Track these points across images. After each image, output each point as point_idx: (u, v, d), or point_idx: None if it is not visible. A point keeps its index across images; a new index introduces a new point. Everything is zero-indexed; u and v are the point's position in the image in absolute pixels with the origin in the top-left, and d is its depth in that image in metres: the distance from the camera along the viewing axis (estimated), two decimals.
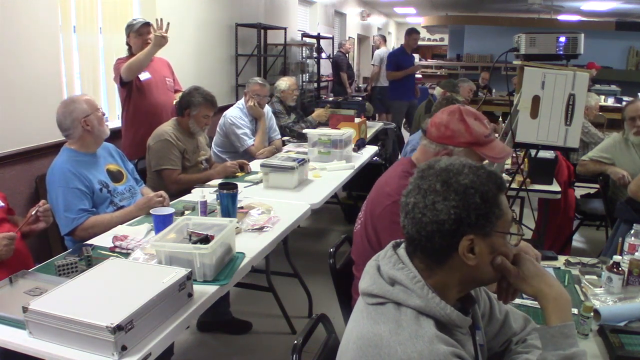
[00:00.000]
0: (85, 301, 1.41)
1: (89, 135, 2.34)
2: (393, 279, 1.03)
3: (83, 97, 2.38)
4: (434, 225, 0.98)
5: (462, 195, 0.98)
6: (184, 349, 2.71)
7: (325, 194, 2.91)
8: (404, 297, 1.00)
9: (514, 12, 11.47)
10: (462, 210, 0.97)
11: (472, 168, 1.02)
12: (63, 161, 2.29)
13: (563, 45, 2.92)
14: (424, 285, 1.00)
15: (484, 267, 1.02)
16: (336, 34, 10.44)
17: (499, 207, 1.00)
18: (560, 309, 1.03)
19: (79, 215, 2.21)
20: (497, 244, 1.02)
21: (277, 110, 4.53)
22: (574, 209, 3.76)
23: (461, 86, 5.13)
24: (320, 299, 3.10)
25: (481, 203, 0.98)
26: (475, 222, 0.98)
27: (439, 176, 1.01)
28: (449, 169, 1.01)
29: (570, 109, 2.64)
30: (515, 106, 2.80)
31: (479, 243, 0.99)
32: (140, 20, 3.47)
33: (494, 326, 1.23)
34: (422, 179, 1.02)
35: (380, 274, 1.05)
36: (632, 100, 3.73)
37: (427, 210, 0.99)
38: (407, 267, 1.03)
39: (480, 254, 1.00)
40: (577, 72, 2.62)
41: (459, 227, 0.98)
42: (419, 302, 0.99)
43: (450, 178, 1.00)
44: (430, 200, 0.99)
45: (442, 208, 0.98)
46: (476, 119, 1.65)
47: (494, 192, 1.00)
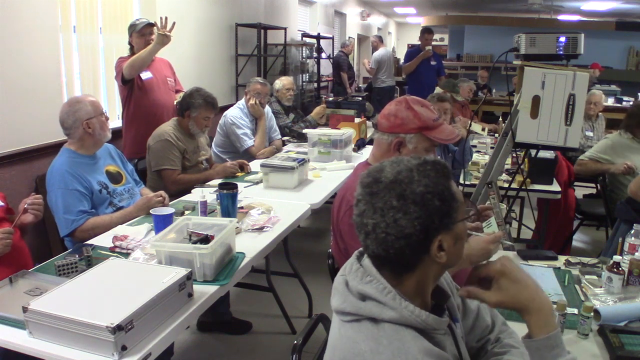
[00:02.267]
0: (85, 301, 1.41)
1: (90, 138, 2.34)
2: (363, 294, 0.99)
3: (88, 99, 2.37)
4: (402, 240, 0.95)
5: (422, 204, 0.95)
6: (184, 349, 2.71)
7: (325, 194, 2.91)
8: (378, 311, 0.96)
9: (514, 12, 11.47)
10: (426, 218, 0.95)
11: (420, 170, 0.98)
12: (62, 162, 2.28)
13: (563, 45, 2.92)
14: (395, 295, 0.97)
15: (452, 257, 1.00)
16: (336, 34, 10.44)
17: (454, 199, 0.99)
18: (543, 320, 1.00)
19: (79, 217, 2.21)
20: (460, 231, 1.01)
21: (275, 111, 4.52)
22: (574, 209, 3.76)
23: (461, 86, 5.14)
24: (320, 299, 3.10)
25: (441, 204, 0.96)
26: (440, 224, 0.96)
27: (391, 190, 0.96)
28: (399, 179, 0.97)
29: (570, 109, 2.64)
30: (515, 106, 2.80)
31: (445, 239, 0.98)
32: (143, 21, 3.47)
33: (469, 319, 1.22)
34: (374, 196, 0.97)
35: (349, 290, 1.02)
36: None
37: (390, 228, 0.95)
38: (375, 279, 1.00)
39: (448, 249, 0.98)
40: (577, 72, 2.62)
41: (426, 235, 0.96)
42: (393, 314, 0.96)
43: (405, 190, 0.95)
44: (391, 218, 0.95)
45: (405, 223, 0.94)
46: (422, 105, 1.70)
47: (447, 187, 0.98)
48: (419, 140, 1.66)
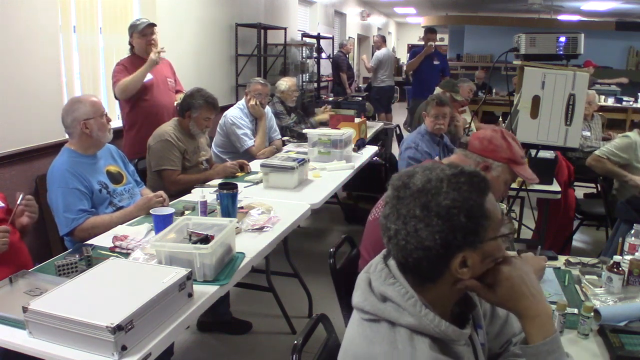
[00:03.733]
0: (85, 301, 1.40)
1: (88, 138, 2.33)
2: (384, 295, 0.98)
3: (90, 99, 2.36)
4: (420, 252, 0.93)
5: (446, 218, 0.91)
6: (184, 349, 2.71)
7: (325, 194, 2.91)
8: (396, 315, 0.95)
9: (514, 12, 11.47)
10: (448, 233, 0.91)
11: (452, 182, 0.93)
12: (63, 162, 2.28)
13: (563, 45, 2.92)
14: (416, 302, 0.95)
15: (477, 274, 0.98)
16: (336, 34, 10.44)
17: (486, 217, 0.93)
18: (540, 326, 0.99)
19: (79, 216, 2.21)
20: (490, 250, 0.96)
21: (278, 111, 4.53)
22: (574, 209, 3.76)
23: (461, 86, 5.12)
24: (320, 299, 3.10)
25: (467, 222, 0.91)
26: (463, 242, 0.92)
27: (417, 199, 0.93)
28: (427, 189, 0.93)
29: (570, 109, 2.64)
30: (515, 106, 2.80)
31: (470, 256, 0.94)
32: (144, 21, 3.47)
33: (496, 325, 1.21)
34: (399, 201, 0.95)
35: (371, 289, 1.01)
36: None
37: (410, 237, 0.93)
38: (398, 282, 0.98)
39: (474, 265, 0.95)
40: (577, 72, 2.62)
41: (447, 250, 0.92)
42: (411, 321, 0.94)
43: (430, 201, 0.92)
44: (412, 227, 0.92)
45: (425, 235, 0.91)
46: (514, 140, 1.81)
47: (479, 203, 0.93)
48: (504, 170, 1.77)
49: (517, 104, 2.81)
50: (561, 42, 2.92)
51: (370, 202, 4.40)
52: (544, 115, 2.66)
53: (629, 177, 3.33)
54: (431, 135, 3.51)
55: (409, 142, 3.46)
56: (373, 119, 6.73)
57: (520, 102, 2.72)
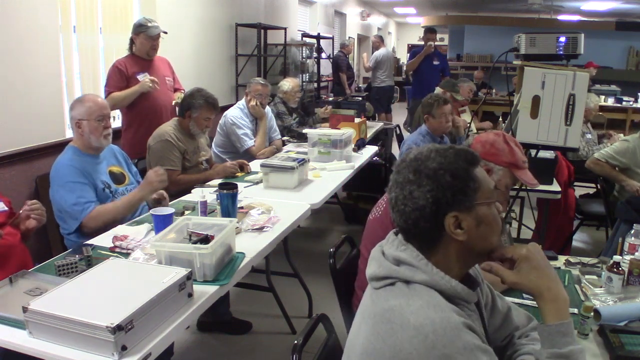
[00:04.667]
0: (85, 301, 1.41)
1: (82, 138, 2.33)
2: (398, 259, 1.07)
3: (90, 101, 2.34)
4: (416, 212, 1.04)
5: (434, 178, 1.03)
6: (184, 349, 2.71)
7: (325, 194, 2.91)
8: (410, 274, 1.04)
9: (514, 12, 11.47)
10: (437, 191, 1.02)
11: (439, 151, 1.07)
12: (67, 158, 2.29)
13: (563, 45, 2.92)
14: (427, 262, 1.04)
15: (476, 240, 1.05)
16: (336, 34, 10.44)
17: (473, 180, 1.04)
18: (557, 309, 1.05)
19: (86, 206, 2.21)
20: (483, 215, 1.05)
21: (280, 112, 4.53)
22: (574, 209, 3.76)
23: (461, 86, 5.13)
24: (320, 299, 3.10)
25: (453, 180, 1.03)
26: (452, 200, 1.03)
27: (410, 167, 1.07)
28: (418, 157, 1.07)
29: (570, 109, 2.64)
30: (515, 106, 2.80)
31: (464, 218, 1.04)
32: (155, 26, 3.45)
33: (497, 319, 1.25)
34: (398, 173, 1.08)
35: (385, 257, 1.10)
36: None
37: (407, 200, 1.05)
38: (409, 248, 1.08)
39: (469, 228, 1.04)
40: (577, 72, 2.62)
41: (438, 207, 1.03)
42: (424, 277, 1.03)
43: (420, 165, 1.05)
44: (408, 191, 1.05)
45: (418, 195, 1.03)
46: (516, 145, 1.83)
47: (464, 168, 1.05)
48: (505, 174, 1.79)
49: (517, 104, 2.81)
50: (561, 42, 2.92)
51: (370, 202, 4.40)
52: (544, 115, 2.66)
53: (626, 182, 3.33)
54: (432, 135, 3.51)
55: (410, 142, 3.46)
56: (373, 119, 6.73)
57: (520, 102, 2.72)
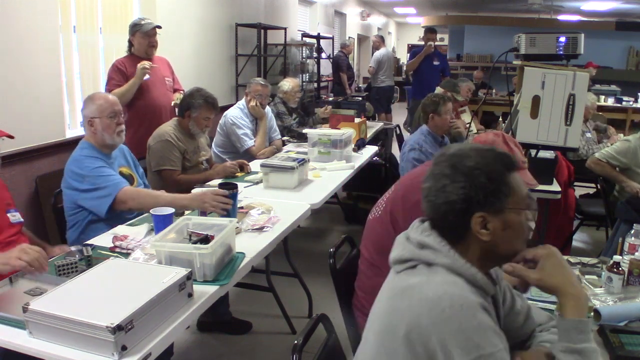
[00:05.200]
0: (85, 301, 1.40)
1: (95, 136, 2.34)
2: (422, 243, 1.10)
3: (101, 99, 2.35)
4: (446, 205, 1.07)
5: (469, 177, 1.06)
6: (184, 349, 2.71)
7: (325, 194, 2.90)
8: (433, 256, 1.07)
9: (514, 12, 11.47)
10: (470, 190, 1.05)
11: (480, 151, 1.09)
12: (87, 152, 2.30)
13: (563, 45, 2.92)
14: (450, 249, 1.08)
15: (500, 243, 1.08)
16: (336, 34, 10.44)
17: (507, 185, 1.07)
18: (577, 306, 1.06)
19: (119, 182, 2.24)
20: (511, 220, 1.08)
21: (280, 112, 4.53)
22: (574, 209, 3.76)
23: (460, 86, 5.13)
24: (320, 299, 3.10)
25: (487, 182, 1.05)
26: (484, 200, 1.05)
27: (448, 161, 1.09)
28: (457, 153, 1.10)
29: (570, 109, 2.64)
30: (515, 106, 2.81)
31: (491, 220, 1.06)
32: (149, 22, 3.46)
33: (518, 318, 1.26)
34: (435, 165, 1.12)
35: (409, 241, 1.13)
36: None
37: (439, 192, 1.08)
38: (434, 234, 1.11)
39: (494, 230, 1.07)
40: (577, 72, 2.62)
41: (468, 206, 1.06)
42: (446, 261, 1.06)
43: (457, 161, 1.08)
44: (441, 184, 1.08)
45: (451, 190, 1.06)
46: (515, 145, 1.85)
47: (500, 171, 1.07)
48: None
49: (517, 104, 2.81)
50: (561, 42, 2.92)
51: (370, 202, 4.40)
52: (544, 115, 2.66)
53: (626, 183, 3.33)
54: (434, 135, 3.51)
55: (412, 143, 3.46)
56: (373, 119, 6.73)
57: (520, 102, 2.72)
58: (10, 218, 2.03)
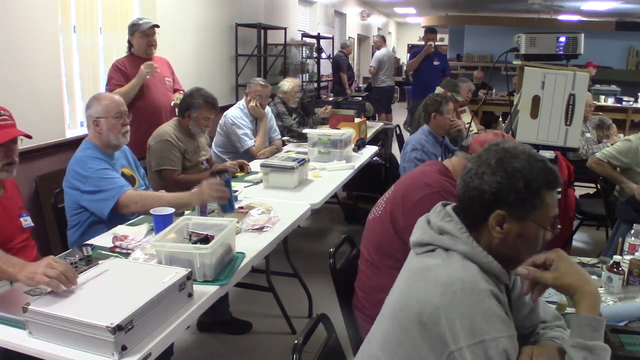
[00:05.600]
0: (85, 301, 1.41)
1: (100, 136, 2.34)
2: (442, 229, 1.14)
3: (107, 99, 2.35)
4: (476, 191, 1.11)
5: (509, 176, 1.08)
6: (184, 349, 2.71)
7: (325, 194, 2.90)
8: (452, 243, 1.11)
9: (514, 12, 11.47)
10: (504, 187, 1.08)
11: (531, 158, 1.10)
12: (91, 152, 2.30)
13: (563, 45, 2.92)
14: (469, 236, 1.12)
15: (509, 246, 1.11)
16: (336, 34, 10.44)
17: (539, 199, 1.09)
18: (594, 304, 1.07)
19: (122, 186, 2.23)
20: (528, 232, 1.10)
21: (280, 112, 4.53)
22: (574, 209, 3.75)
23: (460, 86, 5.13)
24: (320, 299, 3.10)
25: (523, 188, 1.07)
26: (512, 202, 1.08)
27: (498, 153, 1.12)
28: (510, 150, 1.12)
29: (570, 109, 2.64)
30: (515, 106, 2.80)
31: (510, 221, 1.09)
32: (147, 21, 3.46)
33: (524, 309, 1.27)
34: (486, 151, 1.14)
35: (430, 226, 1.17)
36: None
37: (475, 177, 1.12)
38: (454, 220, 1.15)
39: (508, 232, 1.10)
40: (577, 72, 2.62)
41: (495, 200, 1.09)
42: (465, 248, 1.10)
43: (505, 158, 1.10)
44: (482, 170, 1.11)
45: (487, 179, 1.10)
46: None
47: (539, 184, 1.08)
48: None
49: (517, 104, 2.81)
50: (561, 42, 2.92)
51: (370, 202, 4.40)
52: (544, 115, 2.66)
53: (626, 184, 3.32)
54: (435, 135, 3.51)
55: (414, 143, 3.45)
56: (373, 119, 6.73)
57: (520, 102, 2.72)
58: (23, 223, 2.03)
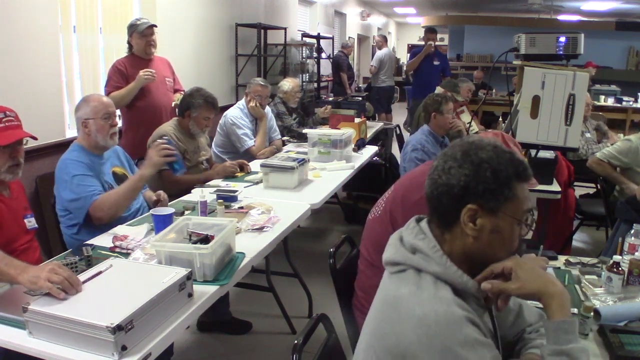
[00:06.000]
0: (85, 301, 1.41)
1: (89, 138, 2.34)
2: (414, 247, 1.10)
3: (95, 101, 2.34)
4: (445, 187, 1.07)
5: (476, 167, 1.05)
6: (184, 349, 2.71)
7: (325, 194, 2.90)
8: (424, 264, 1.07)
9: (514, 12, 11.47)
10: (472, 179, 1.04)
11: (498, 149, 1.08)
12: (74, 155, 2.29)
13: (563, 45, 2.92)
14: (442, 255, 1.07)
15: (483, 244, 1.07)
16: (336, 34, 10.44)
17: (510, 189, 1.05)
18: (563, 305, 1.05)
19: (93, 194, 2.21)
20: (502, 226, 1.06)
21: (280, 112, 4.53)
22: (574, 209, 3.76)
23: (460, 86, 5.13)
24: (320, 299, 3.10)
25: (491, 178, 1.04)
26: (481, 194, 1.04)
27: (462, 147, 1.09)
28: (475, 143, 1.09)
29: (570, 109, 2.64)
30: (515, 106, 2.81)
31: (482, 216, 1.05)
32: (145, 22, 3.46)
33: (509, 316, 1.26)
34: (451, 147, 1.12)
35: (402, 244, 1.13)
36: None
37: (442, 173, 1.08)
38: (427, 237, 1.10)
39: (482, 228, 1.05)
40: (577, 72, 2.62)
41: (465, 193, 1.05)
42: (437, 269, 1.05)
43: (471, 150, 1.07)
44: (448, 165, 1.07)
45: (454, 173, 1.06)
46: (515, 145, 1.85)
47: (508, 174, 1.05)
48: None
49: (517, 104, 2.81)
50: (561, 42, 2.92)
51: (370, 202, 4.40)
52: (544, 115, 2.66)
53: (626, 185, 3.32)
54: (435, 135, 3.52)
55: (414, 143, 3.45)
56: (373, 119, 6.73)
57: (520, 102, 2.72)
58: (27, 224, 2.03)
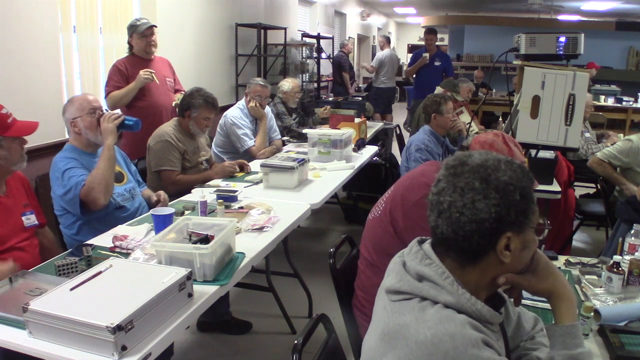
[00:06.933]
0: (85, 301, 1.41)
1: (80, 137, 2.34)
2: (421, 275, 1.00)
3: (79, 99, 2.36)
4: (473, 224, 0.95)
5: (503, 193, 0.95)
6: (184, 349, 2.71)
7: (325, 194, 2.90)
8: (434, 293, 0.97)
9: (514, 12, 11.47)
10: (503, 208, 0.95)
11: (507, 163, 0.99)
12: (65, 154, 2.30)
13: (563, 45, 2.92)
14: (453, 281, 0.98)
15: (516, 263, 1.01)
16: (336, 34, 10.44)
17: (534, 202, 0.99)
18: (570, 308, 1.04)
19: (80, 180, 2.20)
20: (529, 239, 1.00)
21: (280, 112, 4.53)
22: (574, 209, 3.75)
23: (460, 87, 5.13)
24: (320, 299, 3.10)
25: (520, 200, 0.96)
26: (515, 220, 0.96)
27: (476, 173, 0.97)
28: (486, 165, 0.98)
29: (570, 109, 2.64)
30: (515, 106, 2.81)
31: (514, 240, 0.97)
32: (144, 22, 3.46)
33: (510, 327, 1.24)
34: (457, 177, 0.98)
35: (406, 270, 1.03)
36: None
37: (465, 209, 0.95)
38: (434, 263, 1.00)
39: (515, 250, 0.98)
40: (577, 72, 2.62)
41: (499, 225, 0.95)
42: (449, 298, 0.96)
43: (489, 175, 0.96)
44: (469, 199, 0.95)
45: (482, 207, 0.95)
46: (515, 145, 1.84)
47: (529, 187, 0.99)
48: None
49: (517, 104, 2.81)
50: (561, 42, 2.92)
51: (370, 202, 4.40)
52: (544, 115, 2.66)
53: (626, 186, 3.32)
54: (436, 135, 3.52)
55: (417, 142, 3.45)
56: (373, 119, 6.73)
57: (520, 102, 2.72)
58: (25, 221, 2.03)
